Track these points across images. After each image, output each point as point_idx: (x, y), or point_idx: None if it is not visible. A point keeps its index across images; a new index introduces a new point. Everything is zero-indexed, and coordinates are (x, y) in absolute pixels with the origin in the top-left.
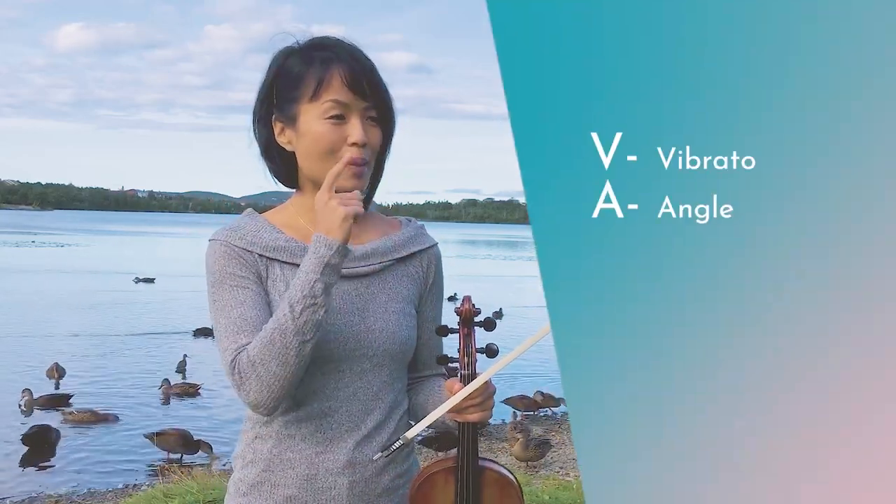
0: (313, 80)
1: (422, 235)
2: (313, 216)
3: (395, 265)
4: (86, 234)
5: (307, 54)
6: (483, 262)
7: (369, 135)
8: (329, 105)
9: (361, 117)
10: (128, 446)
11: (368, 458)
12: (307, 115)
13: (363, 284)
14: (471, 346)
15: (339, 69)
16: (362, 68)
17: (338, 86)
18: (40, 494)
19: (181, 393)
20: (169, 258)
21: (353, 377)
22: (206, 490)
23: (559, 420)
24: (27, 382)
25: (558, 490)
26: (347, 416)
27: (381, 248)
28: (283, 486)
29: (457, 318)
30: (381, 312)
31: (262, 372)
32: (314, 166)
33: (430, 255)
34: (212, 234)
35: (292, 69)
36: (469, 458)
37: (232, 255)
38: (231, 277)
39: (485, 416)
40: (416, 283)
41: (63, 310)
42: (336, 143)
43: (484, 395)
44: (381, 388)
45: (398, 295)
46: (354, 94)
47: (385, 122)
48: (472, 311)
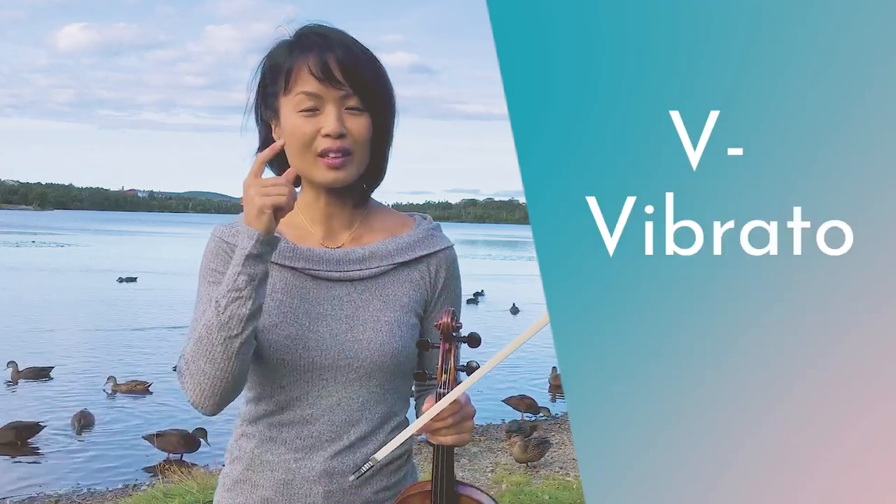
0: (284, 72)
1: (432, 237)
2: (314, 214)
3: (397, 269)
4: (86, 233)
5: (286, 46)
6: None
7: (349, 124)
8: (301, 97)
9: (338, 107)
10: (128, 446)
11: (348, 469)
12: (285, 109)
13: (356, 290)
14: (450, 363)
15: (307, 60)
16: (335, 56)
17: (306, 77)
18: (40, 494)
19: (129, 390)
20: (159, 258)
21: (338, 386)
22: (206, 490)
23: (559, 420)
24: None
25: (558, 490)
26: (329, 426)
27: (382, 251)
28: (261, 486)
29: (438, 332)
30: (371, 321)
31: (193, 370)
32: (296, 161)
33: (440, 259)
34: (213, 228)
35: (273, 62)
36: (445, 482)
37: (219, 250)
38: (210, 273)
39: (460, 438)
40: (419, 289)
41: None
42: (310, 136)
43: (458, 416)
44: (369, 399)
45: (396, 302)
46: (324, 84)
47: (374, 109)
48: (450, 325)
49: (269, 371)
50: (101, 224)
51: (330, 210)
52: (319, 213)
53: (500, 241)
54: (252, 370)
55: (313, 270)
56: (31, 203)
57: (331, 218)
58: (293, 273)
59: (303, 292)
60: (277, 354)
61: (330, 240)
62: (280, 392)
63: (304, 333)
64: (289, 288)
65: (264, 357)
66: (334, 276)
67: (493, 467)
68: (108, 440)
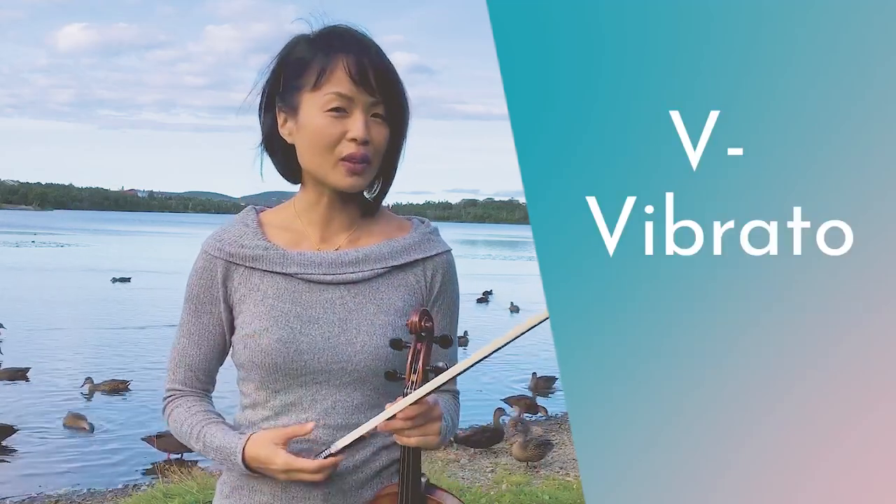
0: (317, 68)
1: (429, 241)
2: (312, 216)
3: (392, 273)
4: (86, 233)
5: (316, 42)
6: (500, 263)
7: (373, 132)
8: (331, 97)
9: (365, 113)
10: (128, 446)
11: (347, 471)
12: (308, 106)
13: (350, 293)
14: (418, 363)
15: (344, 60)
16: (371, 62)
17: (341, 77)
18: (40, 494)
19: (109, 390)
20: (158, 257)
21: (332, 390)
22: (206, 490)
23: (559, 420)
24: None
25: (558, 490)
26: (324, 430)
27: (377, 254)
28: (259, 492)
29: (408, 331)
30: (365, 325)
31: (175, 432)
32: (312, 160)
33: (436, 263)
34: (204, 239)
35: (299, 56)
36: (410, 484)
37: (203, 272)
38: (194, 301)
39: (425, 441)
40: (414, 293)
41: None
42: (335, 137)
43: (423, 418)
44: (364, 402)
45: (390, 307)
46: (358, 87)
47: (394, 121)
48: (419, 325)
49: (263, 377)
50: (101, 224)
51: (330, 213)
52: (318, 215)
53: (500, 241)
54: (246, 378)
55: (305, 274)
56: (31, 203)
57: (330, 221)
58: (284, 278)
59: (295, 296)
60: (269, 359)
61: (326, 242)
62: (274, 397)
63: (296, 337)
64: (280, 293)
65: (257, 362)
66: (327, 279)
67: (493, 467)
68: (109, 440)
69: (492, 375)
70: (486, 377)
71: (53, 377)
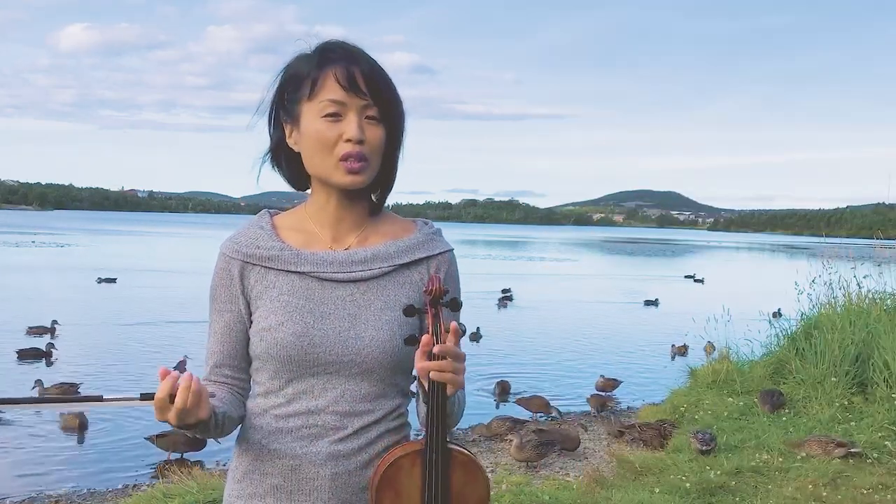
0: (311, 80)
1: (432, 241)
2: (322, 218)
3: (398, 271)
4: (85, 233)
5: (311, 57)
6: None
7: (368, 132)
8: (325, 103)
9: (358, 115)
10: (128, 446)
11: (353, 452)
12: (307, 114)
13: (359, 290)
14: (439, 325)
15: (334, 69)
16: (360, 69)
17: (332, 85)
18: (40, 494)
19: (60, 393)
20: (159, 257)
21: (342, 380)
22: (206, 490)
23: (569, 421)
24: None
25: (558, 490)
26: (333, 416)
27: (383, 253)
28: (270, 475)
29: (428, 297)
30: (373, 320)
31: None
32: (315, 163)
33: (439, 261)
34: (222, 241)
35: (296, 72)
36: (438, 438)
37: (222, 272)
38: (215, 300)
39: (455, 378)
40: (418, 289)
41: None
42: (332, 139)
43: (456, 355)
44: (371, 391)
45: (396, 303)
46: (349, 92)
47: (388, 121)
48: (440, 289)
49: (278, 367)
50: (101, 224)
51: (340, 213)
52: (329, 216)
53: (500, 241)
54: (261, 368)
55: (318, 272)
56: (31, 203)
57: (340, 221)
58: (299, 276)
59: (308, 293)
60: (285, 351)
61: (338, 242)
62: (287, 386)
63: (310, 331)
64: (294, 289)
65: (273, 354)
66: (339, 276)
67: (493, 467)
68: (109, 440)
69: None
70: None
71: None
